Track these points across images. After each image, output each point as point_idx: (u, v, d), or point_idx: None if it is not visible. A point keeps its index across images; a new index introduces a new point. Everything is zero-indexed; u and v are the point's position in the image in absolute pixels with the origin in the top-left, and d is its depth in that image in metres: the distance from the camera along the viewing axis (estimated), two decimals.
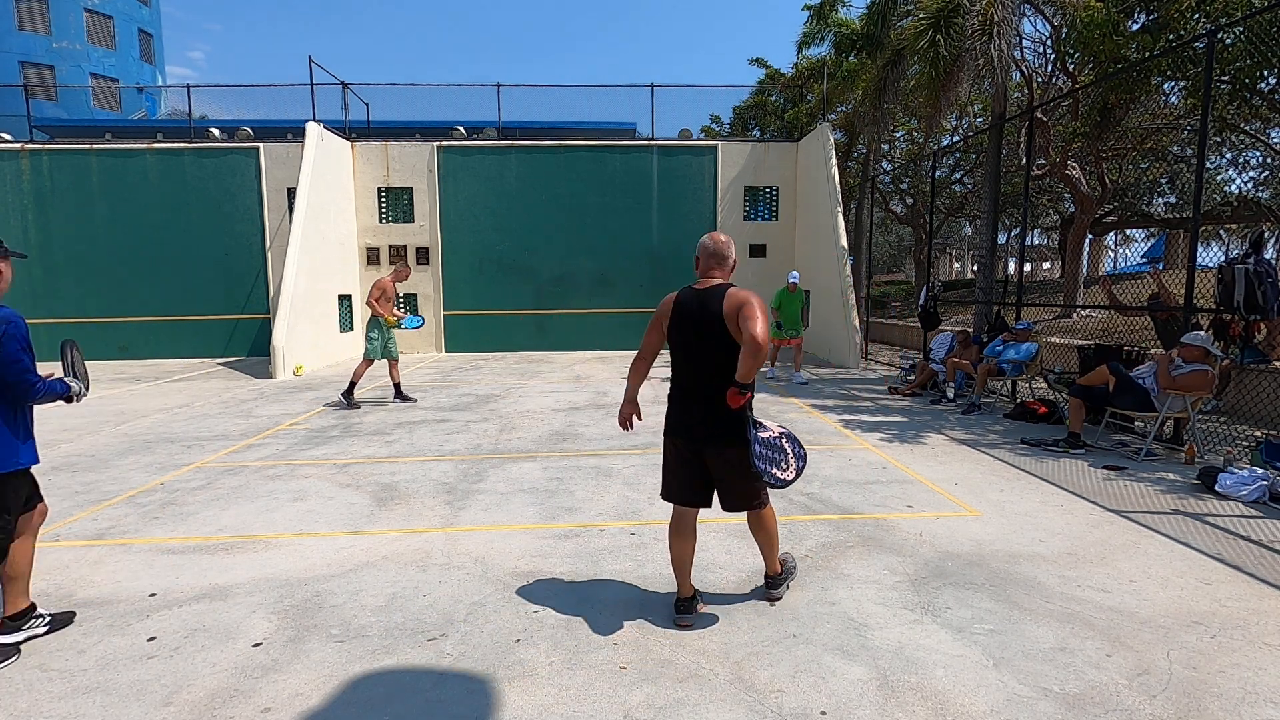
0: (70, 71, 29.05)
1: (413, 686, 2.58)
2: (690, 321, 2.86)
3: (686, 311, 2.88)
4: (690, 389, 2.91)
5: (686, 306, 2.89)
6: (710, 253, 2.96)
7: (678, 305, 2.92)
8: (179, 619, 3.11)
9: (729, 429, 2.83)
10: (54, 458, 6.09)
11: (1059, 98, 12.85)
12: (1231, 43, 8.16)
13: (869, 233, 16.02)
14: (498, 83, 15.38)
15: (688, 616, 3.00)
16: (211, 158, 14.40)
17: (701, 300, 2.86)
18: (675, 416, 2.96)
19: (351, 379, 8.45)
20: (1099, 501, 4.68)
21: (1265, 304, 5.54)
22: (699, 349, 2.85)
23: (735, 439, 2.83)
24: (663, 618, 3.08)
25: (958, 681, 2.57)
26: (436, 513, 4.56)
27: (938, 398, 8.71)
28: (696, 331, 2.84)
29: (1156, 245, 19.22)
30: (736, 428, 2.82)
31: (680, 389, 2.95)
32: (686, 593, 3.06)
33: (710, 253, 2.96)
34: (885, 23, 13.45)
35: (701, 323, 2.83)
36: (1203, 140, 6.04)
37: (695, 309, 2.86)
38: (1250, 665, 2.67)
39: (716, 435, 2.85)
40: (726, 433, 2.83)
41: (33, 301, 14.21)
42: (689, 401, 2.90)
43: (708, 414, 2.84)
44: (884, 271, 38.99)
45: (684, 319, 2.88)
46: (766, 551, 3.21)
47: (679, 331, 2.90)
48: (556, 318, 15.50)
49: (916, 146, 20.88)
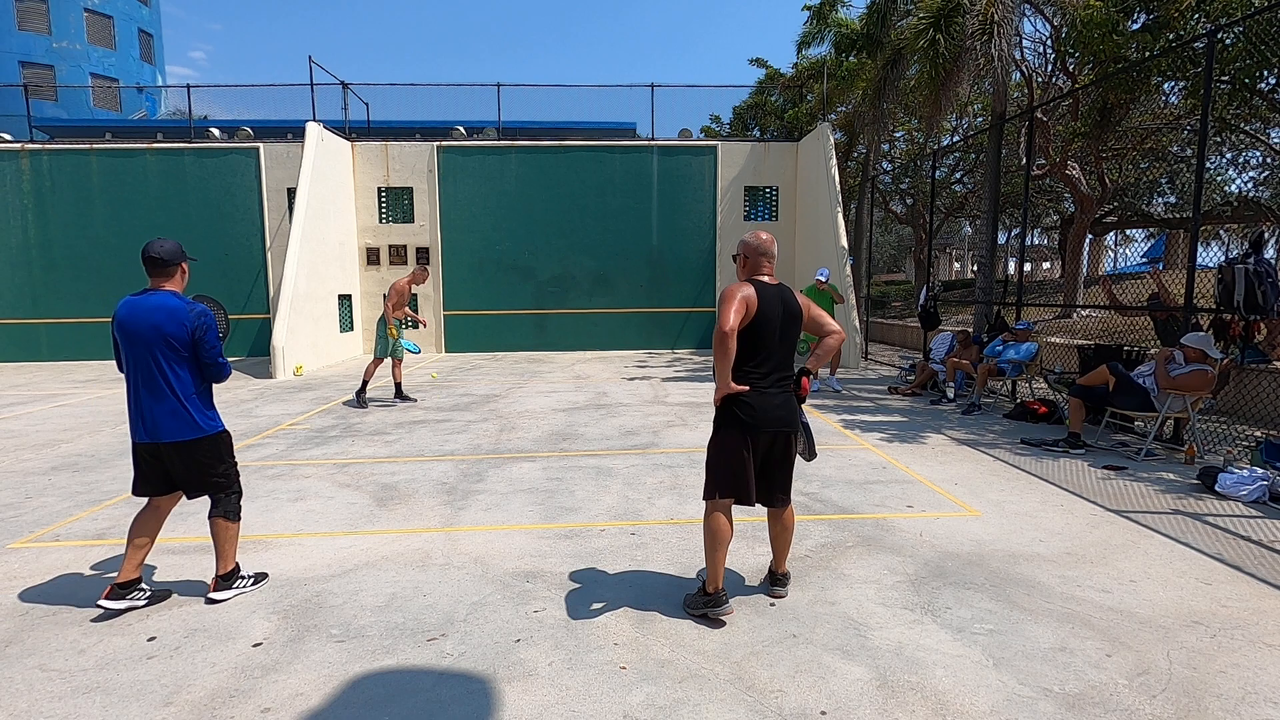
0: (70, 71, 29.04)
1: (413, 686, 2.58)
2: (777, 315, 2.95)
3: (772, 305, 2.94)
4: (774, 378, 3.00)
5: (771, 300, 2.95)
6: (760, 251, 3.06)
7: (764, 298, 2.93)
8: (179, 619, 3.11)
9: (797, 415, 3.09)
10: (54, 458, 6.09)
11: (1059, 98, 12.84)
12: (1231, 43, 8.16)
13: (869, 233, 16.02)
14: (498, 83, 15.41)
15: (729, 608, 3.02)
16: (211, 158, 14.40)
17: (781, 296, 3.00)
18: (759, 410, 2.96)
19: (364, 378, 8.54)
20: (1099, 501, 4.68)
21: (1265, 304, 5.55)
22: (783, 342, 3.00)
23: (798, 425, 3.10)
24: (663, 618, 3.08)
25: (958, 681, 2.57)
26: (436, 513, 4.56)
27: (938, 398, 8.71)
28: (785, 324, 2.98)
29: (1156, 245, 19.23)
30: (799, 415, 3.11)
31: (762, 379, 2.97)
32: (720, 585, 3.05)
33: (760, 251, 3.06)
34: (885, 22, 13.45)
35: (788, 317, 2.98)
36: (1203, 140, 6.04)
37: (778, 303, 2.96)
38: (1250, 665, 2.67)
39: (792, 423, 3.05)
40: (796, 419, 3.08)
41: (33, 301, 14.23)
42: (770, 392, 2.99)
43: (786, 402, 3.03)
44: (884, 271, 38.98)
45: (772, 312, 2.94)
46: (782, 548, 3.26)
47: (767, 324, 2.93)
48: (556, 317, 15.50)
49: (916, 146, 20.88)
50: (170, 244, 3.17)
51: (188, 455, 3.15)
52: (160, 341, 3.05)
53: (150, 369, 3.07)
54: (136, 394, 3.11)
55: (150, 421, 3.09)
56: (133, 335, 3.06)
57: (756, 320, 2.92)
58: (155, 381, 3.08)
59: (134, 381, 3.12)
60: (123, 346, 3.11)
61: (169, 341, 3.05)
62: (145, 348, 3.06)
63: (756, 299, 2.91)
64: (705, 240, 15.56)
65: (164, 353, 3.06)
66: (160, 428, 3.09)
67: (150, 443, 3.12)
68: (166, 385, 3.08)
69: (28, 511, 4.64)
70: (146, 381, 3.09)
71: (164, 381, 3.08)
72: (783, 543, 3.24)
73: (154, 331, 3.04)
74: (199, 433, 3.15)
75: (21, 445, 6.61)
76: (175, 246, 3.18)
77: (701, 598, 3.06)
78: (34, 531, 4.26)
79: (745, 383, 2.95)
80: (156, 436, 3.10)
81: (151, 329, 3.04)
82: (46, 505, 4.77)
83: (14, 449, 6.45)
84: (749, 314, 2.90)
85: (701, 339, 15.70)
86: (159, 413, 3.08)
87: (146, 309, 3.06)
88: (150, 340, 3.04)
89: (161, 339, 3.04)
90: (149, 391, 3.09)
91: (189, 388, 3.13)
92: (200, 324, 3.10)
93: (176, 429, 3.10)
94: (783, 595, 3.26)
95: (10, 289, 14.18)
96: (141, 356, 3.07)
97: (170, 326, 3.05)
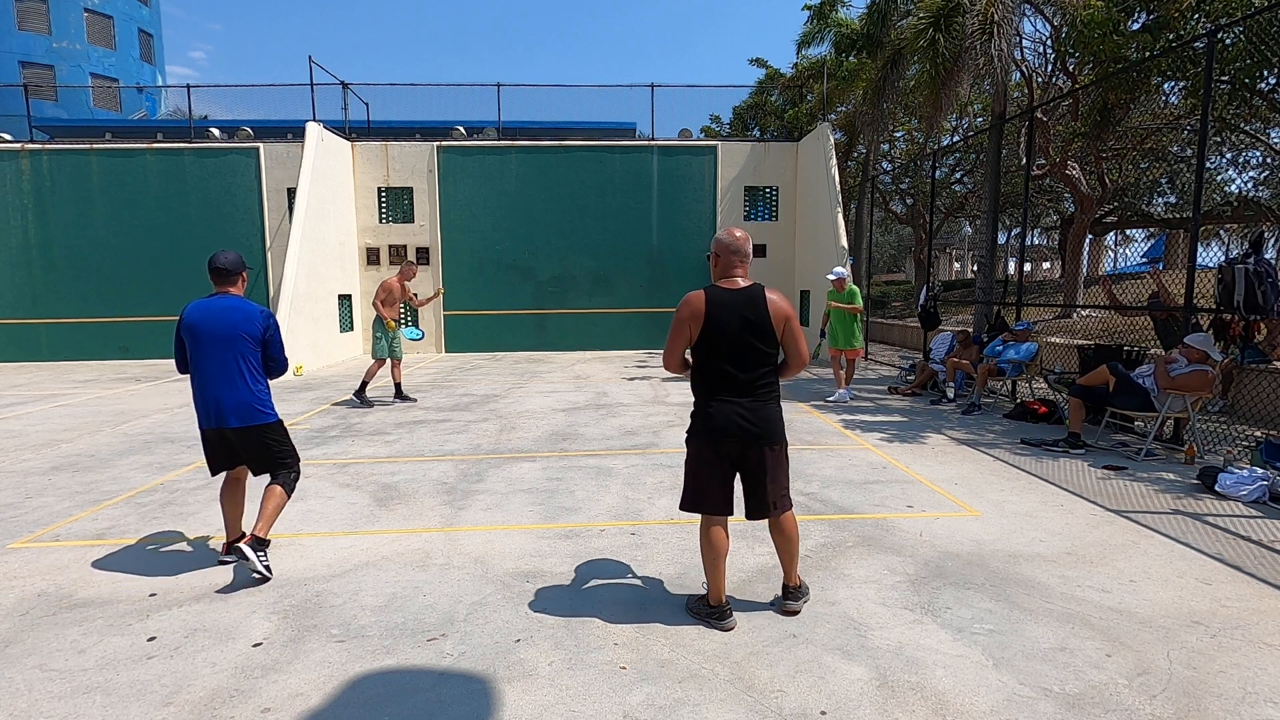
0: (70, 71, 29.04)
1: (413, 686, 2.58)
2: (733, 323, 2.79)
3: (727, 312, 2.80)
4: (736, 388, 2.84)
5: (727, 308, 2.80)
6: (732, 249, 2.90)
7: (715, 306, 2.80)
8: (179, 619, 3.11)
9: (774, 426, 2.89)
10: (54, 458, 6.09)
11: (1059, 98, 12.84)
12: (1231, 43, 8.15)
13: (869, 233, 16.00)
14: (498, 83, 15.41)
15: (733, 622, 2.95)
16: (211, 158, 14.41)
17: (745, 302, 2.81)
18: (716, 419, 2.85)
19: (364, 378, 8.54)
20: (1099, 501, 4.68)
21: (1265, 304, 5.54)
22: (747, 350, 2.82)
23: (779, 436, 2.91)
24: (663, 618, 3.08)
25: (958, 681, 2.57)
26: (436, 513, 4.56)
27: (938, 398, 8.71)
28: (742, 333, 2.80)
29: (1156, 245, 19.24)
30: (780, 424, 2.92)
31: (721, 388, 2.85)
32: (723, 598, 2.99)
33: (732, 249, 2.90)
34: (885, 22, 13.46)
35: (750, 324, 2.80)
36: (1203, 140, 6.04)
37: (735, 311, 2.80)
38: (1250, 665, 2.67)
39: (763, 433, 2.86)
40: (772, 429, 2.88)
41: (33, 301, 14.23)
42: (732, 402, 2.84)
43: (757, 411, 2.85)
44: (884, 271, 38.99)
45: (724, 321, 2.79)
46: (786, 559, 3.06)
47: (722, 333, 2.80)
48: (556, 317, 15.50)
49: (916, 146, 20.88)
50: (233, 255, 3.58)
51: (257, 438, 3.52)
52: (238, 339, 3.41)
53: (226, 363, 3.40)
54: (204, 386, 3.44)
55: (221, 410, 3.43)
56: (208, 334, 3.40)
57: (706, 332, 2.82)
58: (230, 374, 3.42)
59: (204, 375, 3.43)
60: (191, 345, 3.43)
61: (245, 339, 3.42)
62: (223, 345, 3.39)
63: (704, 311, 2.81)
64: (705, 240, 15.54)
65: (240, 349, 3.42)
66: (231, 415, 3.44)
67: (218, 428, 3.45)
68: (240, 378, 3.44)
69: (28, 511, 4.64)
70: (222, 375, 3.42)
71: (238, 375, 3.43)
72: (786, 554, 3.06)
73: (232, 330, 3.40)
74: (266, 419, 3.53)
75: (21, 445, 6.61)
76: (237, 258, 3.59)
77: (705, 608, 3.01)
78: (34, 531, 4.26)
79: (707, 392, 2.89)
80: (225, 423, 3.44)
81: (229, 327, 3.39)
82: (46, 505, 4.77)
83: (14, 449, 6.45)
84: (695, 328, 2.83)
85: None
86: (232, 402, 3.43)
87: (221, 310, 3.42)
88: (229, 338, 3.39)
89: (239, 336, 3.40)
90: (225, 383, 3.42)
91: (258, 381, 3.50)
92: (270, 324, 3.53)
93: (248, 415, 3.46)
94: (795, 611, 3.04)
95: (10, 289, 14.18)
96: (217, 353, 3.40)
97: (246, 326, 3.43)
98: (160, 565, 3.71)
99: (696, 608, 3.07)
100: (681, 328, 2.85)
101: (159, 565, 3.71)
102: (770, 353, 2.87)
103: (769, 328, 2.82)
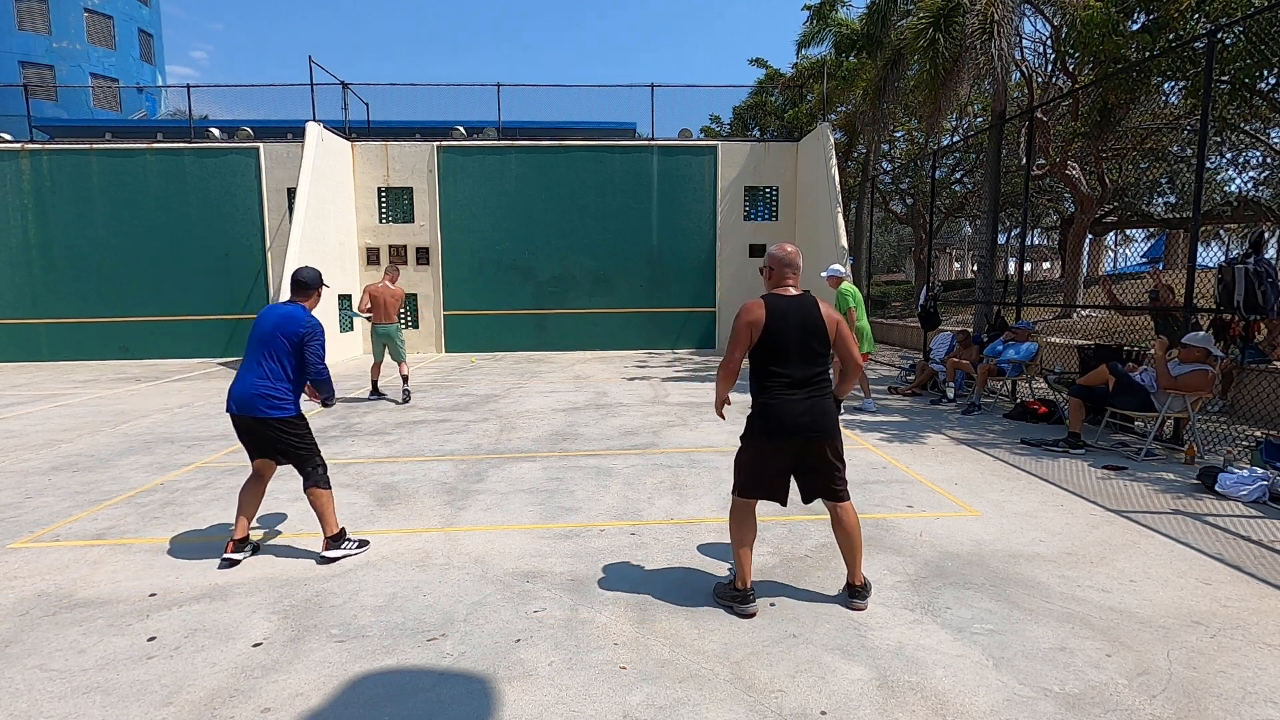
0: (70, 71, 29.05)
1: (413, 686, 2.58)
2: (794, 327, 3.09)
3: (787, 317, 3.10)
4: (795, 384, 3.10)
5: (785, 313, 3.10)
6: (785, 263, 3.23)
7: (776, 312, 3.09)
8: (179, 619, 3.11)
9: (831, 418, 3.17)
10: (54, 458, 6.09)
11: (1059, 98, 12.84)
12: (1231, 43, 8.16)
13: (869, 233, 16.01)
14: (498, 83, 15.41)
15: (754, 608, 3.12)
16: (211, 158, 14.40)
17: (802, 308, 3.13)
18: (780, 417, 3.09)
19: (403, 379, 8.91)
20: (1099, 501, 4.68)
21: (1265, 304, 5.54)
22: (804, 352, 3.11)
23: (836, 429, 3.21)
24: (663, 618, 3.08)
25: (958, 681, 2.57)
26: (436, 513, 4.56)
27: (938, 398, 8.71)
28: (804, 335, 3.10)
29: (1156, 245, 19.25)
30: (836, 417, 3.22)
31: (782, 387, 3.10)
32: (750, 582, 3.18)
33: (785, 263, 3.23)
34: (885, 23, 13.45)
35: (807, 329, 3.11)
36: (1203, 140, 6.04)
37: (795, 315, 3.11)
38: (1250, 665, 2.67)
39: (822, 428, 3.12)
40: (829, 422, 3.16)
41: (33, 301, 14.22)
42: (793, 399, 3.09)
43: (814, 407, 3.11)
44: (884, 271, 39.01)
45: (786, 325, 3.09)
46: (849, 555, 3.21)
47: (781, 336, 3.08)
48: (556, 317, 15.50)
49: (916, 146, 20.89)
50: (312, 272, 3.93)
51: (267, 430, 3.72)
52: (275, 339, 3.69)
53: (258, 358, 3.70)
54: (237, 375, 3.75)
55: (233, 396, 3.70)
56: (256, 332, 3.75)
57: (767, 336, 3.08)
58: (253, 367, 3.70)
59: (241, 366, 3.77)
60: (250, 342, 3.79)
61: (281, 339, 3.69)
62: (262, 342, 3.70)
63: (764, 317, 3.08)
64: (705, 240, 15.56)
65: (275, 348, 3.69)
66: (235, 402, 3.69)
67: (237, 414, 3.71)
68: (261, 371, 3.68)
69: (28, 511, 4.64)
70: (247, 366, 3.73)
71: (260, 369, 3.68)
72: (847, 548, 3.21)
73: (274, 327, 3.70)
74: (277, 413, 3.69)
75: (21, 445, 6.61)
76: (314, 274, 3.93)
77: (730, 591, 3.20)
78: (34, 531, 4.26)
79: (767, 392, 3.11)
80: (230, 407, 3.71)
81: (273, 325, 3.71)
82: (46, 505, 4.77)
83: (14, 449, 6.45)
84: (756, 333, 3.08)
85: (701, 339, 15.70)
86: (241, 391, 3.68)
87: (275, 314, 3.77)
88: (269, 334, 3.70)
89: (276, 337, 3.69)
90: (246, 373, 3.71)
91: (280, 379, 3.71)
92: (310, 330, 3.73)
93: (252, 406, 3.66)
94: (861, 608, 3.16)
95: (10, 289, 14.17)
96: (254, 348, 3.72)
97: (287, 325, 3.71)
98: (160, 565, 3.71)
99: (722, 591, 3.23)
100: (743, 333, 3.10)
101: (159, 565, 3.71)
102: (824, 353, 3.16)
103: (823, 330, 3.12)
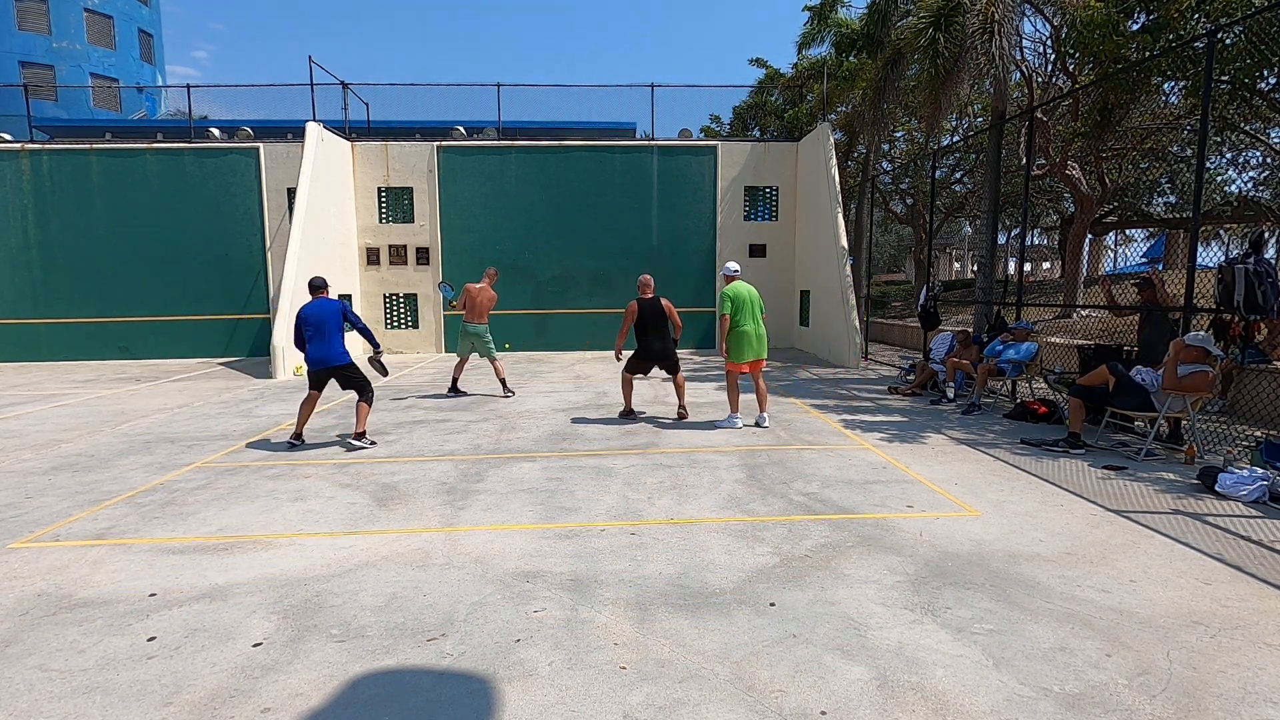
0: (70, 71, 29.04)
1: (413, 686, 2.58)
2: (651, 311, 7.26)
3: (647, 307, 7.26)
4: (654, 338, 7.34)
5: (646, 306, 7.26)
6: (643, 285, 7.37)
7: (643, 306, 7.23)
8: (179, 619, 3.11)
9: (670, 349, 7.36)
10: (54, 458, 6.09)
11: (1059, 98, 12.84)
12: (1231, 43, 8.16)
13: (869, 233, 16.01)
14: (498, 83, 15.40)
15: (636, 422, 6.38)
16: (211, 158, 14.40)
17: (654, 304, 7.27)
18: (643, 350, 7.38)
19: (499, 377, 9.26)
20: (1099, 501, 4.68)
21: (1265, 304, 5.54)
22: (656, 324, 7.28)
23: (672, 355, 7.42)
24: (663, 618, 3.08)
25: (958, 681, 2.57)
26: (436, 513, 4.56)
27: (938, 398, 8.71)
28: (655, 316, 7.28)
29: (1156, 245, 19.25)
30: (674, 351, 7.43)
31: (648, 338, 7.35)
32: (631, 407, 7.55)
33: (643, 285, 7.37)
34: (885, 22, 13.44)
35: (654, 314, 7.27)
36: (1203, 140, 6.04)
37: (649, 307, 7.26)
38: (1250, 665, 2.67)
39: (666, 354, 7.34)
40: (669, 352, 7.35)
41: (33, 301, 14.22)
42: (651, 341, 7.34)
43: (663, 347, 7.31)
44: (884, 271, 39.00)
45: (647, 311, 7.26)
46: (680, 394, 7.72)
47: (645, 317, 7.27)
48: (556, 317, 15.49)
49: (916, 146, 20.88)
50: (320, 278, 6.52)
51: (341, 371, 6.40)
52: (335, 318, 6.32)
53: (325, 333, 6.28)
54: (315, 346, 6.29)
55: (322, 356, 6.30)
56: (321, 318, 6.27)
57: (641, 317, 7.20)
58: (326, 338, 6.29)
59: (315, 341, 6.28)
60: (309, 327, 6.26)
61: (337, 318, 6.33)
62: (323, 323, 6.27)
63: (638, 308, 7.20)
64: (705, 240, 15.56)
65: (333, 323, 6.31)
66: (323, 360, 6.31)
67: (321, 368, 6.33)
68: (329, 340, 6.31)
69: (28, 511, 4.64)
70: (319, 338, 6.28)
71: (329, 338, 6.30)
72: (679, 391, 7.50)
73: (334, 315, 6.31)
74: (344, 361, 6.39)
75: (21, 445, 6.61)
76: (322, 280, 6.51)
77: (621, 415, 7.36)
78: (34, 531, 4.26)
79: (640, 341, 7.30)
80: (324, 364, 6.31)
81: (332, 314, 6.31)
82: (46, 505, 4.77)
83: (14, 449, 6.45)
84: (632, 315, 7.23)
85: (701, 338, 15.69)
86: (326, 352, 6.30)
87: (320, 307, 6.32)
88: (331, 316, 6.30)
89: (335, 316, 6.33)
90: (322, 343, 6.29)
91: (341, 341, 6.40)
92: (345, 308, 6.42)
93: (339, 357, 6.35)
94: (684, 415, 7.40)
95: (10, 289, 14.17)
96: (321, 328, 6.26)
97: (331, 307, 6.36)
98: (160, 565, 3.71)
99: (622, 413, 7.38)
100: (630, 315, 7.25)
101: (159, 565, 3.71)
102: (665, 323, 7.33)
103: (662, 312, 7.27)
